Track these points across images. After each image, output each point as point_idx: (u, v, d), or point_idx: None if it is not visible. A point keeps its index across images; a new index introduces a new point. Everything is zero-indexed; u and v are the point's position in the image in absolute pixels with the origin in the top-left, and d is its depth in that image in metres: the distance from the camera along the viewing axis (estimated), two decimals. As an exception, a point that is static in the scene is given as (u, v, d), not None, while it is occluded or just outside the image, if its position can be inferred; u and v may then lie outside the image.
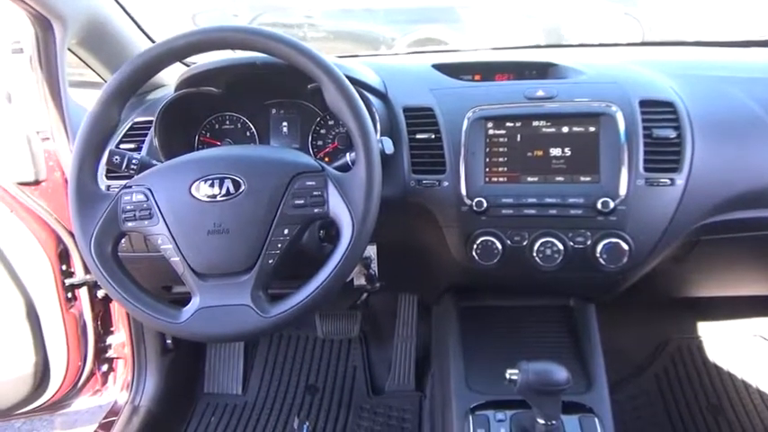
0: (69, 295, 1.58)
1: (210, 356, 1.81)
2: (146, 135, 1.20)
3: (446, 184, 1.09)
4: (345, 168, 0.92)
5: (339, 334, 1.83)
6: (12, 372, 1.51)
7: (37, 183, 1.49)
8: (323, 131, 1.26)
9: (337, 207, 0.86)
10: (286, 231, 0.87)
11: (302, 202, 0.87)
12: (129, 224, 0.89)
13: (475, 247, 1.06)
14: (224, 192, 0.87)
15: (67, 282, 1.56)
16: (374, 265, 1.19)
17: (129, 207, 0.89)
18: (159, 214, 0.88)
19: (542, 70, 1.25)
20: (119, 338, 1.72)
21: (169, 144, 1.18)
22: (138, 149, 1.20)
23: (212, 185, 0.87)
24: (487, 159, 1.09)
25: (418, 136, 1.12)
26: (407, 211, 1.12)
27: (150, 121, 1.20)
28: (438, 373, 1.34)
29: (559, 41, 3.13)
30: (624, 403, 1.29)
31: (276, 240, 0.87)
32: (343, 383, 1.76)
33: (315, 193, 0.87)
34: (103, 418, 1.58)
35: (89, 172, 0.91)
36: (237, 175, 0.87)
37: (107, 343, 1.71)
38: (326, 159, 1.25)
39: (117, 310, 1.68)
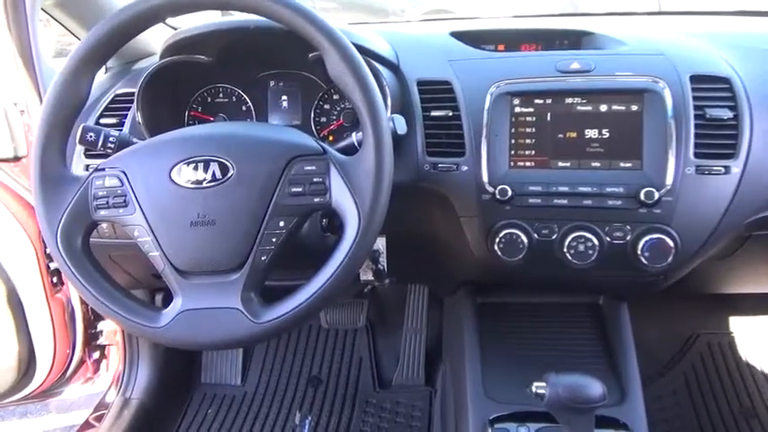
0: (55, 279, 1.47)
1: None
2: (128, 109, 1.07)
3: (465, 168, 0.96)
4: (351, 150, 0.79)
5: (344, 324, 1.72)
6: (-6, 362, 1.41)
7: (16, 159, 1.36)
8: (326, 107, 1.13)
9: (341, 196, 0.74)
10: (281, 224, 0.75)
11: (300, 190, 0.74)
12: (102, 212, 0.77)
13: (497, 240, 0.94)
14: (209, 177, 0.74)
15: (52, 265, 1.44)
16: (383, 260, 1.07)
17: (101, 193, 0.77)
18: (135, 202, 0.76)
19: (576, 40, 1.10)
20: (110, 324, 1.61)
21: (155, 119, 1.05)
22: (120, 125, 1.07)
23: (196, 169, 0.75)
24: (513, 141, 0.96)
25: (434, 113, 0.98)
26: (420, 198, 1.00)
27: (134, 93, 1.07)
28: (451, 374, 1.23)
29: (575, 10, 2.93)
30: (650, 403, 1.19)
31: (270, 234, 0.75)
32: (348, 376, 1.65)
33: (315, 179, 0.74)
34: (93, 412, 1.49)
35: (55, 151, 0.79)
36: (225, 157, 0.75)
37: (98, 329, 1.60)
38: (330, 138, 1.12)
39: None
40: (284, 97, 1.15)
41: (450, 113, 0.97)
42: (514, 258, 0.94)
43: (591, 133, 0.94)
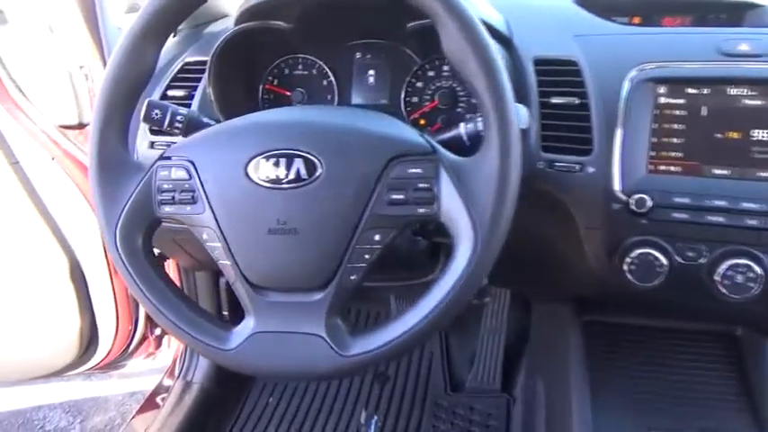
0: (119, 254, 1.41)
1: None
2: (199, 81, 0.95)
3: (591, 170, 0.79)
4: (459, 145, 0.64)
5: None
6: (55, 337, 1.37)
7: (81, 126, 1.28)
8: (419, 85, 0.97)
9: (453, 207, 0.59)
10: (377, 237, 0.61)
11: (402, 197, 0.60)
12: (166, 209, 0.66)
13: (628, 260, 0.77)
14: (293, 176, 0.61)
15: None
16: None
17: (166, 185, 0.66)
18: (205, 199, 0.64)
19: (737, 14, 0.89)
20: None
21: (227, 93, 0.92)
22: (189, 98, 0.95)
23: (277, 165, 0.62)
24: (655, 139, 0.78)
25: (554, 100, 0.81)
26: (531, 200, 0.83)
27: (205, 63, 0.94)
28: (545, 394, 1.08)
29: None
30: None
31: (362, 250, 0.61)
32: (417, 374, 1.53)
33: (421, 184, 0.60)
34: (152, 394, 1.43)
35: (115, 132, 0.67)
36: (312, 152, 0.61)
37: (160, 306, 1.54)
38: (422, 122, 0.97)
39: (173, 269, 1.49)
40: (371, 72, 1.00)
41: (577, 101, 0.80)
42: (648, 283, 0.77)
43: (760, 134, 0.74)
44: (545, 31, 0.87)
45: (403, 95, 0.97)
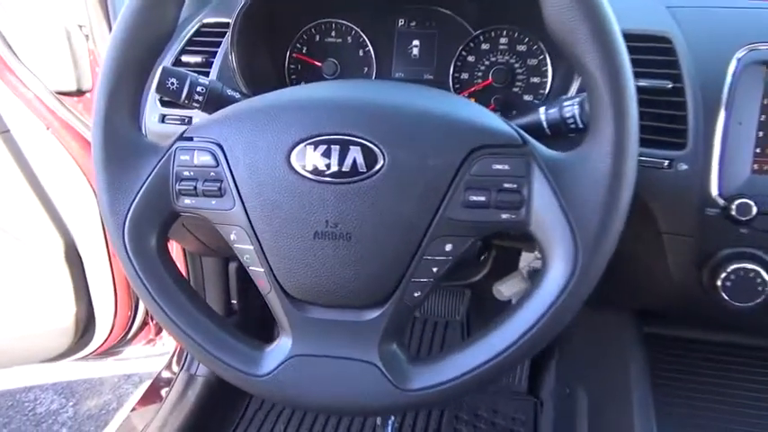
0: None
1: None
2: (218, 46, 0.82)
3: (683, 167, 0.67)
4: (536, 135, 0.52)
5: (441, 314, 1.47)
6: (49, 322, 1.25)
7: (80, 93, 1.16)
8: (471, 59, 0.85)
9: (547, 215, 0.48)
10: (448, 247, 0.50)
11: (483, 199, 0.48)
12: (187, 201, 0.54)
13: (723, 276, 0.66)
14: (346, 167, 0.49)
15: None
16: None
17: (186, 173, 0.54)
18: (235, 192, 0.52)
19: None
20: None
21: (251, 63, 0.80)
22: (207, 66, 0.82)
23: (327, 154, 0.50)
24: (762, 133, 0.66)
25: (641, 83, 0.69)
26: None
27: (226, 25, 0.82)
28: (590, 411, 0.98)
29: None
30: None
31: (430, 261, 0.50)
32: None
33: (507, 184, 0.48)
34: (152, 386, 1.33)
35: (126, 107, 0.55)
36: (372, 139, 0.49)
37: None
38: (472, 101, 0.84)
39: (176, 251, 1.37)
40: (415, 42, 0.87)
41: (670, 85, 0.68)
42: (746, 303, 0.66)
43: None
44: (632, 0, 0.75)
45: (451, 71, 0.85)
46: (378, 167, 0.49)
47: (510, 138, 0.49)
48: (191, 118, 0.81)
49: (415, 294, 0.51)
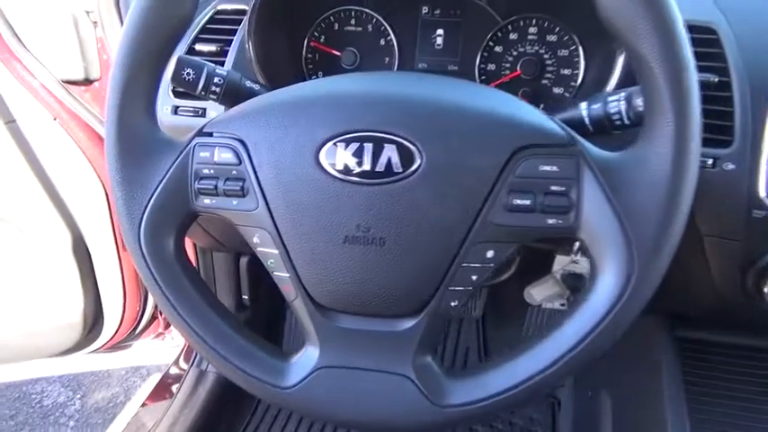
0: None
1: (291, 315, 1.47)
2: (233, 34, 0.78)
3: (730, 166, 0.63)
4: (583, 133, 0.49)
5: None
6: (57, 317, 1.23)
7: (88, 82, 1.12)
8: (498, 50, 0.81)
9: (599, 221, 0.44)
10: (489, 254, 0.46)
11: (528, 203, 0.45)
12: (207, 201, 0.51)
13: (771, 282, 0.62)
14: (380, 167, 0.46)
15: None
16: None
17: (206, 171, 0.50)
18: (259, 192, 0.49)
19: None
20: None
21: (269, 53, 0.76)
22: (222, 55, 0.79)
23: (359, 153, 0.46)
24: (816, 131, 0.62)
25: (685, 76, 0.65)
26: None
27: (242, 12, 0.78)
28: (614, 414, 0.95)
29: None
30: None
31: (469, 269, 0.46)
32: (451, 368, 1.40)
33: (554, 187, 0.45)
34: (161, 382, 1.30)
35: (142, 99, 0.52)
36: (408, 136, 0.46)
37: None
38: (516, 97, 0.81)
39: (186, 245, 1.34)
40: (439, 31, 0.83)
41: (716, 79, 0.64)
42: (795, 312, 0.63)
43: None
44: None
45: (478, 61, 0.81)
46: (414, 167, 0.45)
47: (558, 136, 0.45)
48: (204, 109, 0.77)
49: (453, 303, 0.47)
